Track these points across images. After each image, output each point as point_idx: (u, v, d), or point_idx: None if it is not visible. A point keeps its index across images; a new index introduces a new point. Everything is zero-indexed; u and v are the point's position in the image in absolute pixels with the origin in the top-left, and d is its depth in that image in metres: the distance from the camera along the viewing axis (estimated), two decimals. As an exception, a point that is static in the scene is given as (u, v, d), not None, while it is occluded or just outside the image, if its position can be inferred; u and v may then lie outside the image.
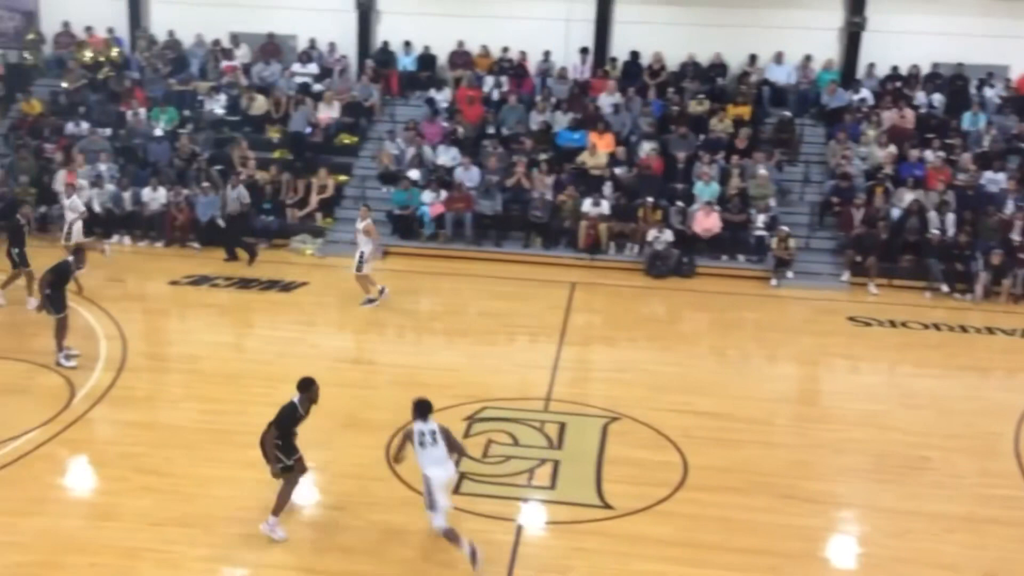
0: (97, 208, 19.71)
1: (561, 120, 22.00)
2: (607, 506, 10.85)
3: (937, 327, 17.04)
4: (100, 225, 19.71)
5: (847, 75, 23.14)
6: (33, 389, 13.07)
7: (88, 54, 23.53)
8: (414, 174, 20.63)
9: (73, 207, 17.61)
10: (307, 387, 10.16)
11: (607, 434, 12.50)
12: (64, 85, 22.84)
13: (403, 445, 9.97)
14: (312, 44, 23.95)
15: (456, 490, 10.97)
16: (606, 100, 22.39)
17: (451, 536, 9.65)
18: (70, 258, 14.06)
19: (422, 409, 9.78)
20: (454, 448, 9.94)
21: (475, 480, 11.27)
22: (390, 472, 11.34)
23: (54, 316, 13.66)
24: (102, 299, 16.50)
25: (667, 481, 11.36)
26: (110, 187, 19.89)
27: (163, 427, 12.36)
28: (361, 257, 16.56)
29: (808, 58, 23.10)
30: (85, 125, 21.69)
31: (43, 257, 18.50)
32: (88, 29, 24.01)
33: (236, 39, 24.08)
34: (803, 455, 12.21)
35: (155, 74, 23.02)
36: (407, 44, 23.86)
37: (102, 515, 10.43)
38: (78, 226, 17.51)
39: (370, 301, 16.79)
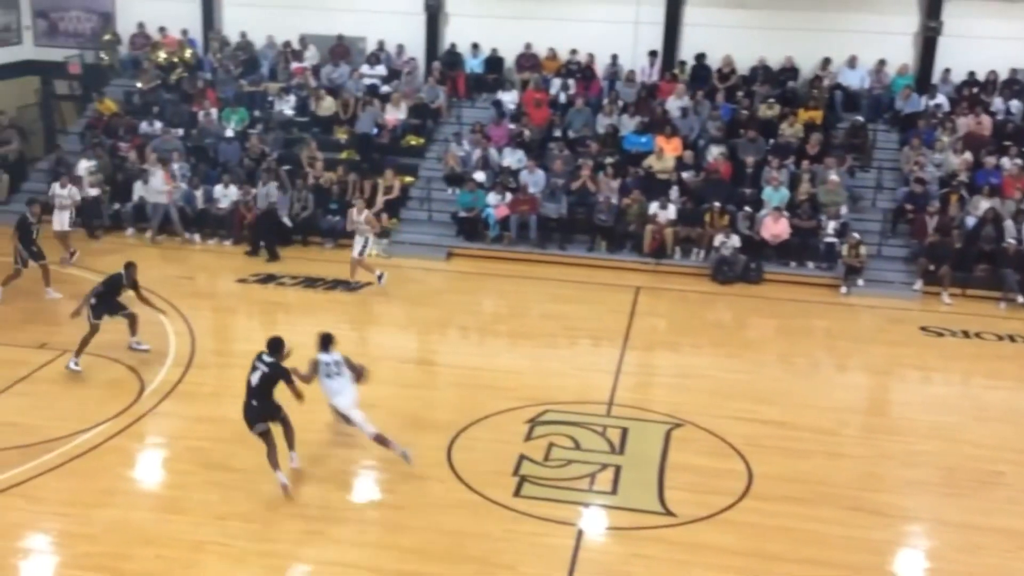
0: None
1: (628, 123, 21.87)
2: (669, 513, 10.73)
3: (1012, 339, 16.59)
4: (171, 223, 20.07)
5: (922, 80, 22.65)
6: (104, 383, 13.32)
7: (162, 55, 23.96)
8: (480, 176, 20.67)
9: (71, 196, 18.30)
10: (280, 348, 11.02)
11: (670, 440, 12.37)
12: (139, 85, 23.29)
13: (310, 374, 11.04)
14: (380, 46, 24.13)
15: (517, 492, 10.98)
16: (674, 103, 22.21)
17: (381, 440, 11.06)
18: (121, 271, 14.08)
19: (325, 341, 11.06)
20: (356, 372, 11.22)
21: (536, 483, 11.22)
22: (451, 474, 11.37)
23: (89, 321, 13.66)
24: (172, 295, 16.80)
25: (730, 489, 11.20)
26: (182, 186, 20.23)
27: (229, 422, 12.45)
28: (365, 244, 17.68)
29: (882, 62, 22.67)
30: (158, 125, 22.10)
31: (113, 255, 18.96)
32: (162, 30, 24.46)
33: (306, 41, 24.35)
34: (871, 467, 11.96)
35: (227, 75, 23.37)
36: (475, 46, 23.93)
37: (169, 508, 10.59)
38: (66, 216, 18.25)
39: (380, 277, 17.63)
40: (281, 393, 10.87)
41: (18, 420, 12.25)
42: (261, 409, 10.78)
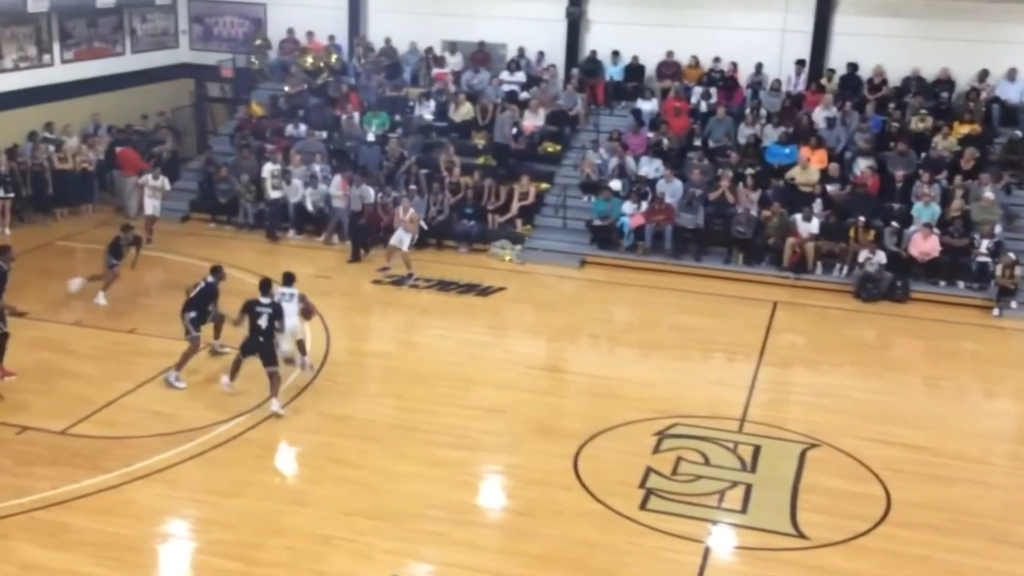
0: (309, 207, 20.57)
1: (771, 134, 21.33)
2: (801, 535, 10.37)
3: None
4: (311, 223, 20.55)
5: (1087, 95, 21.41)
6: (242, 376, 13.67)
7: (309, 60, 24.59)
8: (615, 184, 20.49)
9: (162, 185, 19.92)
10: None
11: (805, 460, 11.97)
12: (286, 89, 23.96)
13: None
14: (521, 53, 24.23)
15: (643, 505, 10.80)
16: (821, 114, 21.55)
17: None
18: (210, 278, 13.96)
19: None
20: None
21: (663, 497, 11.02)
22: (577, 482, 11.27)
23: (190, 337, 13.61)
24: (309, 294, 17.16)
25: (867, 515, 10.77)
26: (323, 187, 20.69)
27: (359, 420, 12.72)
28: (412, 240, 18.51)
29: (1044, 76, 21.54)
30: (303, 127, 22.69)
31: (251, 252, 19.56)
32: (310, 35, 25.13)
33: (449, 47, 24.65)
34: (1019, 497, 11.32)
35: (370, 80, 23.84)
36: (615, 54, 23.76)
37: (299, 501, 10.81)
38: (157, 203, 19.85)
39: (410, 276, 18.22)
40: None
41: (163, 409, 12.74)
42: (271, 347, 12.81)
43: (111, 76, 23.83)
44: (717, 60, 23.14)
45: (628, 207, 19.91)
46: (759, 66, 22.82)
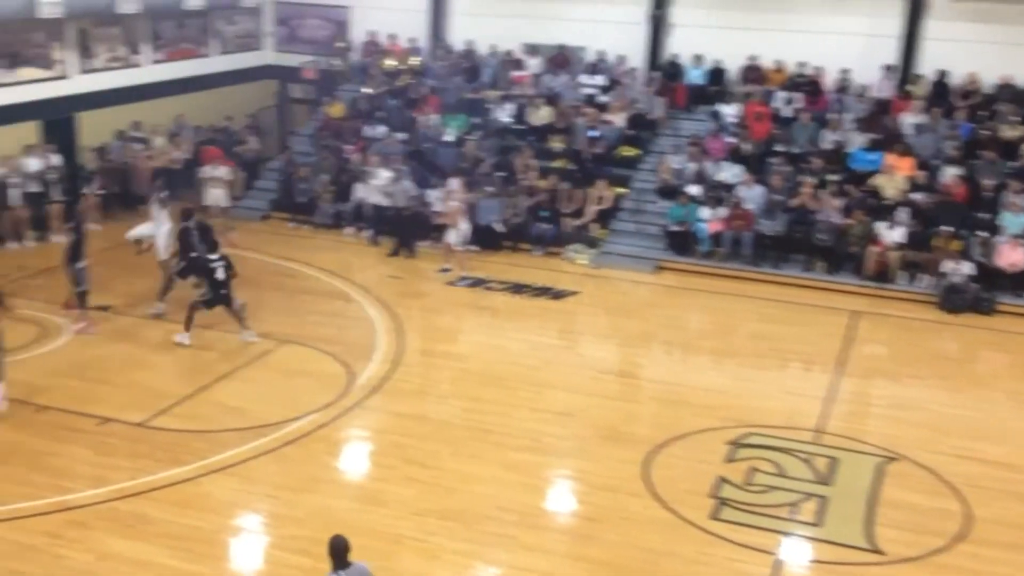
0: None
1: (856, 140, 20.89)
2: (877, 551, 10.12)
3: None
4: (387, 224, 20.73)
5: None
6: (316, 374, 13.86)
7: (390, 62, 24.82)
8: (693, 189, 20.27)
9: (223, 175, 20.97)
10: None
11: (883, 474, 11.68)
12: (366, 91, 24.22)
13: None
14: (600, 56, 24.13)
15: (714, 515, 10.65)
16: (908, 120, 21.04)
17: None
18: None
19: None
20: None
21: (735, 507, 10.85)
22: (647, 489, 11.15)
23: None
24: (384, 294, 17.35)
25: (946, 532, 10.46)
26: (405, 183, 20.73)
27: (430, 421, 12.76)
28: (464, 237, 18.61)
29: None
30: (382, 129, 22.90)
31: (329, 252, 19.80)
32: (392, 38, 25.35)
33: (528, 50, 24.65)
34: (1110, 521, 10.89)
35: (449, 82, 23.96)
36: (697, 57, 23.52)
37: (370, 499, 10.87)
38: (220, 193, 20.67)
39: (451, 273, 18.49)
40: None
41: (239, 404, 12.94)
42: (230, 294, 14.64)
43: (197, 77, 24.32)
44: (802, 64, 22.75)
45: (706, 212, 19.69)
46: (845, 71, 22.38)
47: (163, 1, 22.00)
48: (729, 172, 20.67)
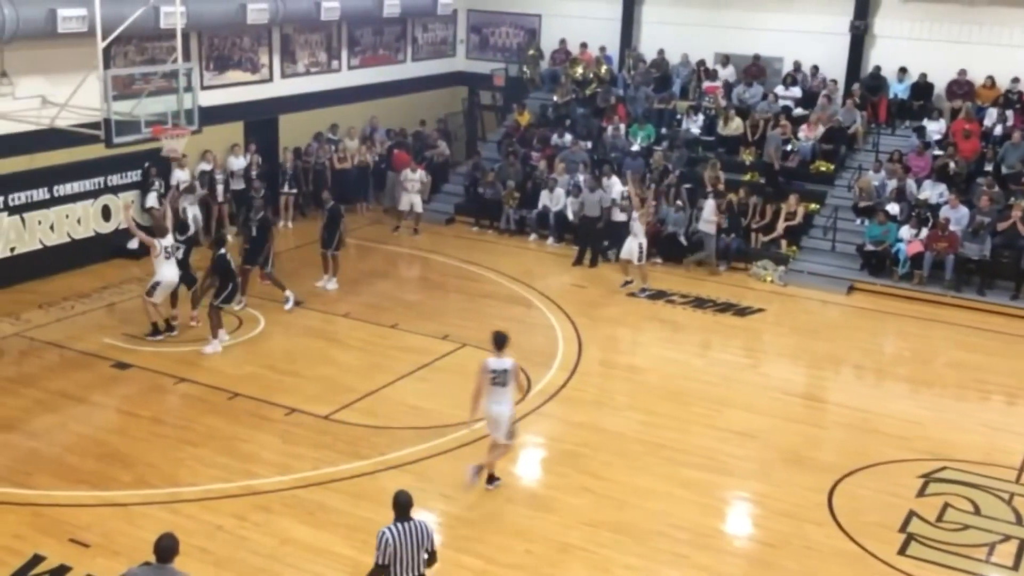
0: (570, 216, 20.65)
1: (1073, 161, 19.48)
2: (1084, 605, 9.32)
3: None
4: (570, 231, 20.64)
5: None
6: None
7: (579, 70, 24.79)
8: (893, 208, 19.31)
9: (420, 178, 21.28)
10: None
11: (1094, 522, 10.78)
12: (555, 99, 24.28)
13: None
14: (797, 67, 23.38)
15: (902, 550, 10.09)
16: None
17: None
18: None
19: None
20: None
21: (925, 544, 10.23)
22: (831, 518, 10.66)
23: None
24: (564, 302, 17.29)
25: None
26: (595, 194, 20.63)
27: (605, 432, 12.60)
28: (641, 248, 17.70)
29: None
30: (568, 137, 22.89)
31: (510, 257, 19.89)
32: (583, 46, 25.34)
33: (721, 60, 24.16)
34: None
35: (638, 92, 23.73)
36: (902, 70, 22.45)
37: (542, 506, 10.82)
38: (416, 198, 21.10)
39: (632, 285, 18.08)
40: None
41: (417, 403, 13.15)
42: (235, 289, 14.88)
43: (391, 82, 25.02)
44: (1015, 81, 21.39)
45: (906, 232, 18.73)
46: (1063, 87, 20.91)
47: (363, 9, 22.69)
48: (933, 191, 19.61)
